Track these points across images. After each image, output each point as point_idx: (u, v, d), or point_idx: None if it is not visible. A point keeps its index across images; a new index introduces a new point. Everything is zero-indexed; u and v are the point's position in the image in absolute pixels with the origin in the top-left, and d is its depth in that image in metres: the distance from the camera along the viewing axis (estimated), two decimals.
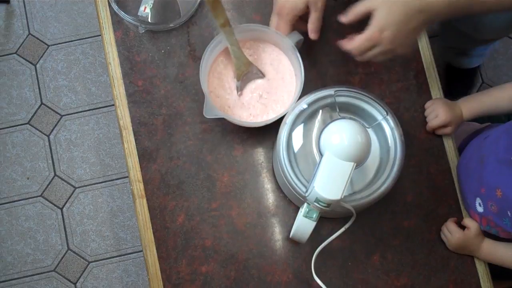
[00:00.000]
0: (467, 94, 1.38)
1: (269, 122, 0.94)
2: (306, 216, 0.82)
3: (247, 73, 0.96)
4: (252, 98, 0.97)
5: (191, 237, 0.97)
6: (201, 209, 0.98)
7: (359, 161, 0.82)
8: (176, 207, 0.98)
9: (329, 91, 0.90)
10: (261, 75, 0.97)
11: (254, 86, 0.97)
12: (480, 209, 0.94)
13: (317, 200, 0.79)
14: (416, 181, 1.00)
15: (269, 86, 0.97)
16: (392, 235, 0.99)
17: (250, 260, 0.97)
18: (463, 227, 0.97)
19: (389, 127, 0.90)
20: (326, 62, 1.03)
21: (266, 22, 1.04)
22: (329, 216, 0.96)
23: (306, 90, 1.02)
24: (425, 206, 1.00)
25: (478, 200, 0.94)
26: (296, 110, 0.89)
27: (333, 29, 1.04)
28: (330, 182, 0.79)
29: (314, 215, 0.82)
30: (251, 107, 0.97)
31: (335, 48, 1.03)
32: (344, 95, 0.91)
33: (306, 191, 0.84)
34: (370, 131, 0.90)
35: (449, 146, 1.02)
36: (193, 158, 1.00)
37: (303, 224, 0.83)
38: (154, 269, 0.97)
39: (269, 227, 0.98)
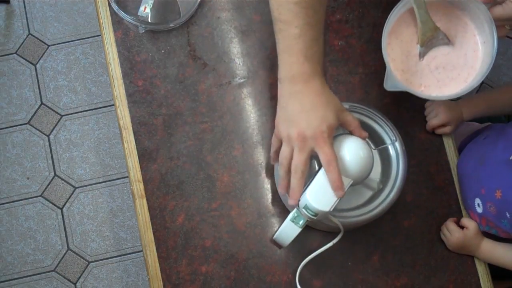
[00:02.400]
0: None
1: (440, 99, 0.86)
2: (293, 221, 0.82)
3: (432, 39, 0.86)
4: (428, 67, 0.87)
5: (191, 237, 0.98)
6: (201, 209, 0.98)
7: (357, 179, 0.81)
8: (176, 207, 0.98)
9: (344, 105, 0.89)
10: (447, 41, 0.86)
11: (435, 55, 0.87)
12: (479, 209, 0.94)
13: (306, 207, 0.79)
14: (416, 181, 1.00)
15: (447, 60, 0.87)
16: (392, 235, 0.99)
17: (250, 260, 0.97)
18: (462, 228, 0.97)
19: (395, 153, 0.89)
20: (326, 62, 1.03)
21: (266, 22, 1.04)
22: (317, 228, 0.96)
23: None
24: (425, 206, 1.00)
25: (477, 201, 0.95)
26: None
27: (333, 29, 1.04)
28: (322, 192, 0.79)
29: (301, 222, 0.82)
30: (424, 76, 0.87)
31: (335, 48, 1.04)
32: (357, 112, 0.89)
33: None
34: (375, 153, 0.89)
35: (449, 146, 1.02)
36: (193, 158, 1.00)
37: (288, 228, 0.83)
38: (154, 269, 0.97)
39: (269, 227, 0.98)
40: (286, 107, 0.79)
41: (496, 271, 1.00)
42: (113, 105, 1.73)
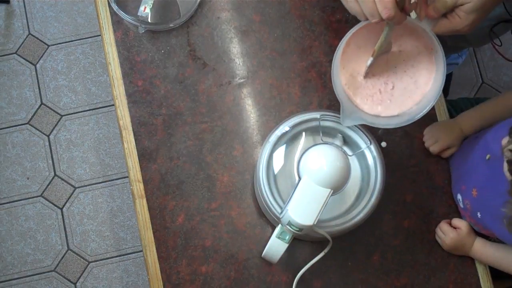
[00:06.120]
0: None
1: (392, 126, 0.83)
2: (279, 237, 0.82)
3: (384, 53, 0.82)
4: (375, 88, 0.85)
5: (191, 237, 0.98)
6: (201, 209, 0.98)
7: (337, 188, 0.80)
8: (176, 207, 0.98)
9: (315, 115, 0.89)
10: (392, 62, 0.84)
11: (385, 75, 0.84)
12: (461, 205, 0.96)
13: (290, 224, 0.79)
14: (416, 181, 1.00)
15: (398, 80, 0.84)
16: (392, 235, 0.99)
17: (250, 260, 0.97)
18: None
19: (371, 156, 0.89)
20: (325, 62, 1.03)
21: (266, 22, 1.04)
22: (306, 239, 0.96)
23: (306, 91, 1.02)
24: (425, 206, 1.00)
25: (459, 196, 0.96)
26: (278, 132, 0.88)
27: (333, 29, 1.04)
28: (304, 207, 0.78)
29: (287, 237, 0.82)
30: (374, 97, 0.84)
31: (335, 48, 1.04)
32: (330, 120, 0.89)
33: (281, 212, 0.83)
34: (353, 158, 0.89)
35: None
36: (193, 158, 1.00)
37: (275, 245, 0.83)
38: (154, 269, 0.97)
39: (269, 227, 0.98)
40: None
41: (496, 271, 1.00)
42: (113, 105, 1.73)
